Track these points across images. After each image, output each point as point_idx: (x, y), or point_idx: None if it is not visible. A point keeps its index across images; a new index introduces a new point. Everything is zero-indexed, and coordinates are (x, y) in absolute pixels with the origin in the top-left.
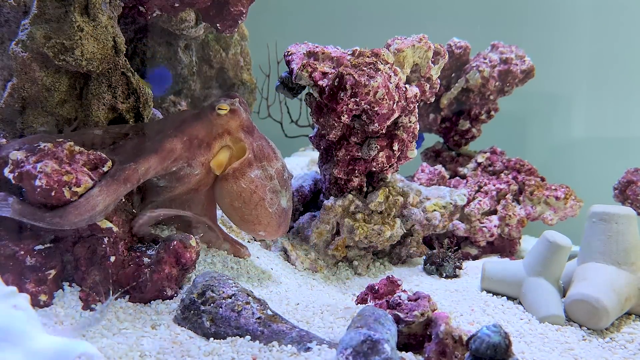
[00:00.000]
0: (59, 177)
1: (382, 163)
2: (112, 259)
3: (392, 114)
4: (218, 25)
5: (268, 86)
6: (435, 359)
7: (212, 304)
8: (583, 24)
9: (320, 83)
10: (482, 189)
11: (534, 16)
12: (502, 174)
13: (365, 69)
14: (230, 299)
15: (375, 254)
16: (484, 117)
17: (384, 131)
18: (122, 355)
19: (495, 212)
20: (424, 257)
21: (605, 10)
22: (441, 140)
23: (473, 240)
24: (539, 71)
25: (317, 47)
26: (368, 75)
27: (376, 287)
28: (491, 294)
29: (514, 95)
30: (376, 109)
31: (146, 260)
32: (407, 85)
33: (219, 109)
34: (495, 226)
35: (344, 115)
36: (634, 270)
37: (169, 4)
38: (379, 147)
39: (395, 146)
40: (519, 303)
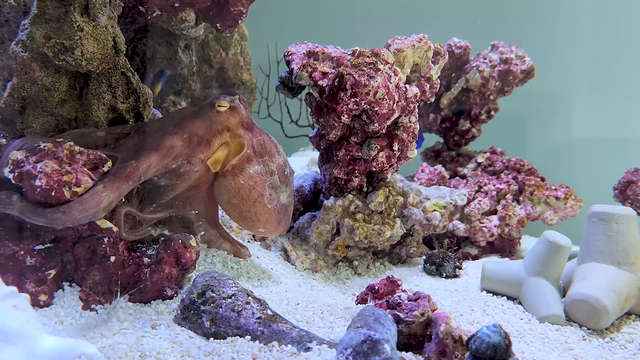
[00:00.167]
0: (59, 177)
1: (382, 163)
2: (112, 259)
3: (392, 114)
4: (218, 25)
5: (268, 86)
6: (435, 359)
7: (212, 304)
8: (583, 24)
9: (320, 83)
10: (482, 189)
11: (534, 16)
12: (502, 174)
13: (365, 69)
14: (230, 299)
15: (375, 254)
16: (484, 117)
17: (384, 131)
18: (122, 355)
19: (495, 212)
20: (424, 257)
21: (605, 10)
22: (441, 140)
23: (473, 240)
24: (539, 71)
25: (317, 47)
26: (368, 75)
27: (376, 287)
28: (491, 294)
29: (514, 95)
30: (376, 109)
31: (146, 260)
32: (407, 85)
33: (219, 106)
34: (495, 226)
35: (344, 115)
36: (634, 270)
37: (169, 3)
38: (379, 147)
39: (395, 146)
40: (519, 303)
